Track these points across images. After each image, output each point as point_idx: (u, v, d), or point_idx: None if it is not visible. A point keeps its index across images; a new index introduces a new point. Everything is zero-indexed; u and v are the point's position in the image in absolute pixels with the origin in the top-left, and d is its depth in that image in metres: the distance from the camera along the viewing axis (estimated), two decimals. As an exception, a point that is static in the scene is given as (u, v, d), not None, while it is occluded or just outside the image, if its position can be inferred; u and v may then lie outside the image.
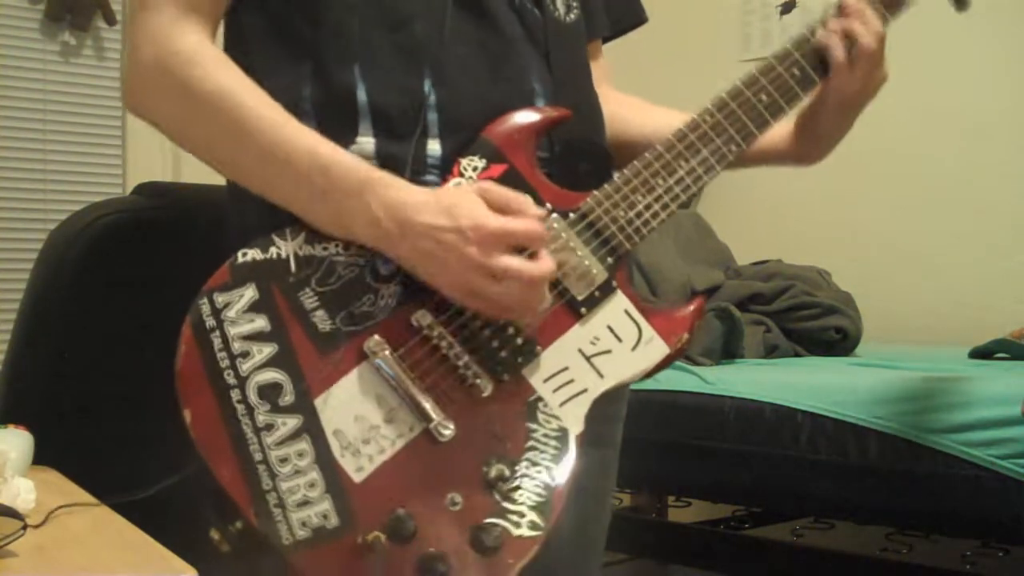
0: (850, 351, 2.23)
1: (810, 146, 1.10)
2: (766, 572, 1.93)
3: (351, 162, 0.89)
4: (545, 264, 0.88)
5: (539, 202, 0.93)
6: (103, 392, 1.27)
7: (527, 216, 0.88)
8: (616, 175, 0.96)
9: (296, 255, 0.90)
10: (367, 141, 0.94)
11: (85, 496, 1.02)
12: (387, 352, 0.88)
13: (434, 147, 0.94)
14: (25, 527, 0.84)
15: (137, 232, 1.32)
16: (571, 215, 0.94)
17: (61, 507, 0.96)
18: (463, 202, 0.87)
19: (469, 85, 0.96)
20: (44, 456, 1.13)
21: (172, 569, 0.80)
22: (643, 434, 1.86)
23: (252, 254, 0.90)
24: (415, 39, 0.95)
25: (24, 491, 0.94)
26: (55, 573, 0.80)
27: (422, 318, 0.90)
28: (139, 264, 1.31)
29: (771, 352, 2.16)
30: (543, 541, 0.87)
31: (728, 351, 2.08)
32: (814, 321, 2.22)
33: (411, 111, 0.94)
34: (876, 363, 1.96)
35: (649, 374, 0.96)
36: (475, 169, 0.93)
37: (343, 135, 0.94)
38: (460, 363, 0.90)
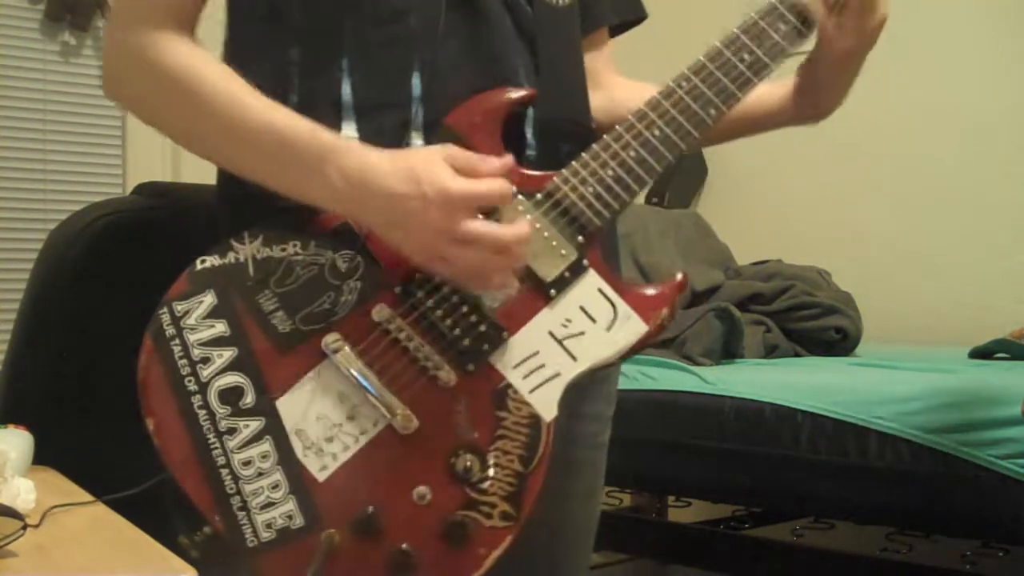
0: (850, 351, 2.23)
1: (814, 102, 1.06)
2: (766, 572, 1.93)
3: (308, 133, 0.87)
4: (514, 228, 0.85)
5: None
6: (103, 392, 1.27)
7: (492, 177, 0.85)
8: (585, 151, 0.93)
9: (254, 258, 0.90)
10: (350, 137, 0.94)
11: (85, 496, 1.02)
12: (346, 349, 0.87)
13: (417, 142, 0.94)
14: (25, 527, 0.84)
15: (137, 232, 1.32)
16: (538, 196, 0.92)
17: (57, 506, 0.96)
18: (426, 166, 0.84)
19: (458, 81, 0.95)
20: (44, 456, 1.13)
21: (172, 569, 0.80)
22: (644, 434, 1.87)
23: (211, 260, 0.90)
24: (409, 32, 0.95)
25: (24, 491, 0.94)
26: (55, 573, 0.80)
27: (380, 312, 0.89)
28: (139, 264, 1.31)
29: (771, 352, 2.16)
30: (517, 531, 0.86)
31: (728, 351, 2.08)
32: (814, 321, 2.22)
33: (397, 106, 0.94)
34: (876, 363, 1.96)
35: (627, 354, 0.92)
36: None
37: (327, 127, 0.93)
38: (420, 355, 0.88)
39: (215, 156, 0.94)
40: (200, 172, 0.99)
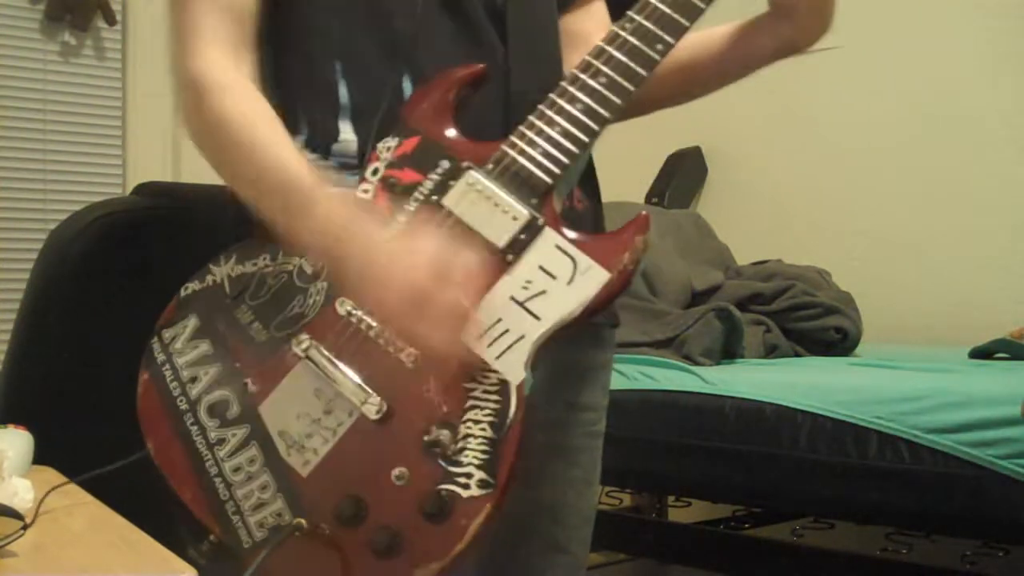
0: (850, 351, 2.24)
1: (796, 27, 1.02)
2: (766, 572, 1.93)
3: (306, 177, 0.89)
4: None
5: (454, 160, 0.92)
6: (103, 392, 1.27)
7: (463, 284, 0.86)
8: (532, 112, 0.93)
9: (229, 277, 0.94)
10: (349, 140, 0.96)
11: (85, 496, 1.02)
12: (315, 346, 0.90)
13: None
14: (25, 527, 0.84)
15: (137, 232, 1.32)
16: (489, 165, 0.91)
17: (51, 490, 0.96)
18: (406, 254, 0.86)
19: None
20: (44, 456, 1.13)
21: (172, 569, 0.80)
22: (643, 434, 1.87)
23: (192, 286, 0.95)
24: (394, 36, 0.96)
25: (22, 491, 0.94)
26: (55, 573, 0.80)
27: (343, 306, 0.90)
28: (139, 264, 1.31)
29: (771, 352, 2.16)
30: (498, 498, 0.85)
31: (728, 351, 2.08)
32: (814, 321, 2.22)
33: (390, 108, 0.95)
34: (876, 363, 1.96)
35: (594, 305, 0.90)
36: (389, 149, 0.93)
37: (328, 133, 0.97)
38: (383, 340, 0.89)
39: (248, 199, 0.95)
40: (200, 172, 0.99)
